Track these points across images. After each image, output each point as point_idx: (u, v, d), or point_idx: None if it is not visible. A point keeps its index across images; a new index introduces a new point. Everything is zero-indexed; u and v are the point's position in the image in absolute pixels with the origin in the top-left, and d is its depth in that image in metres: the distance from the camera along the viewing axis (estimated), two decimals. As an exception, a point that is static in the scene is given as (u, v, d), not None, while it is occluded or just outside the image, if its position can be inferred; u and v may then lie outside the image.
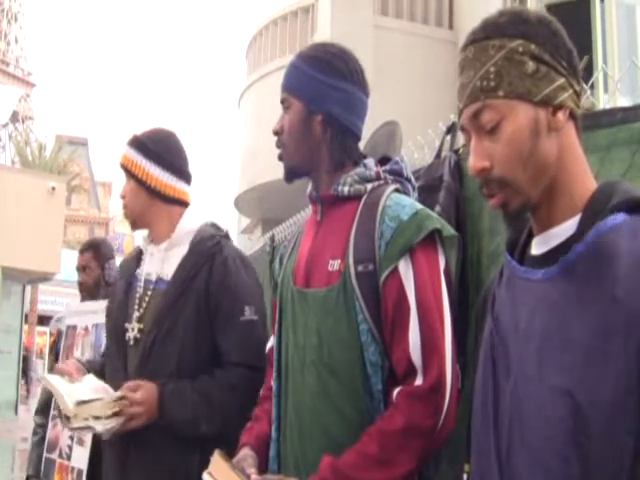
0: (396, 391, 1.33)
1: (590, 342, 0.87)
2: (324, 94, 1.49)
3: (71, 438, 2.74)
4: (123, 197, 2.11)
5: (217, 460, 1.40)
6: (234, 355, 1.89)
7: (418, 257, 1.36)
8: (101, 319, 2.70)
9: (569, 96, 0.99)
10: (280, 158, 1.55)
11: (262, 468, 1.46)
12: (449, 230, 1.43)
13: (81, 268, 3.30)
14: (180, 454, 1.84)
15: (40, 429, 3.29)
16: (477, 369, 1.07)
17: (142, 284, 2.02)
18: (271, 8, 13.61)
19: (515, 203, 1.00)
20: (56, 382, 1.87)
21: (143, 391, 1.81)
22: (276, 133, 1.55)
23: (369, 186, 1.46)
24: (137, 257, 2.14)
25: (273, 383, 1.54)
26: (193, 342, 1.89)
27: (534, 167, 0.98)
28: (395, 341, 1.35)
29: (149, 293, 2.00)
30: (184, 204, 2.10)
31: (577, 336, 0.89)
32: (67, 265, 18.82)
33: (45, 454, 2.98)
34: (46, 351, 20.90)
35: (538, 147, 0.98)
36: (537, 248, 1.02)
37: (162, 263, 2.02)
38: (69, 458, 2.72)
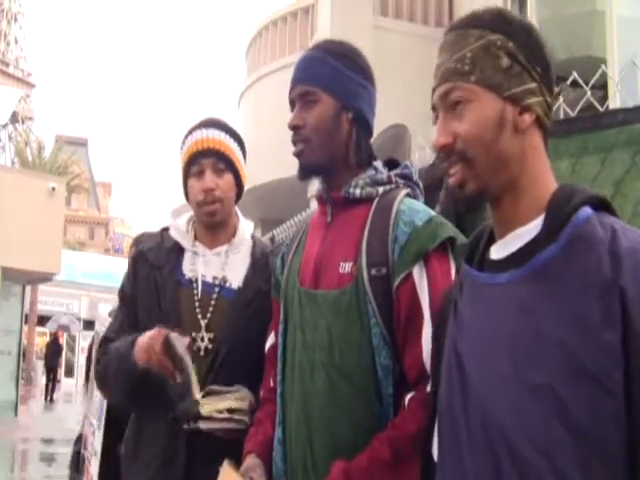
0: (408, 397, 1.32)
1: (569, 336, 0.87)
2: (355, 92, 1.47)
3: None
4: (213, 190, 1.81)
5: (226, 470, 1.38)
6: None
7: (432, 264, 1.36)
8: None
9: (538, 102, 1.00)
10: (298, 154, 1.48)
11: (269, 474, 1.44)
12: (462, 238, 1.42)
13: None
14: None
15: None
16: (441, 379, 1.06)
17: (200, 287, 1.83)
18: (271, 9, 13.62)
19: (471, 186, 1.01)
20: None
21: None
22: (295, 127, 1.47)
23: (381, 189, 1.45)
24: (176, 252, 1.89)
25: (278, 384, 1.51)
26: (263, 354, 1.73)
27: (494, 157, 0.99)
28: (407, 346, 1.34)
29: (214, 297, 1.83)
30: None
31: (553, 332, 0.89)
32: (67, 265, 18.82)
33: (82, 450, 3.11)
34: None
35: (501, 140, 0.99)
36: (497, 252, 1.02)
37: (223, 267, 1.87)
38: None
